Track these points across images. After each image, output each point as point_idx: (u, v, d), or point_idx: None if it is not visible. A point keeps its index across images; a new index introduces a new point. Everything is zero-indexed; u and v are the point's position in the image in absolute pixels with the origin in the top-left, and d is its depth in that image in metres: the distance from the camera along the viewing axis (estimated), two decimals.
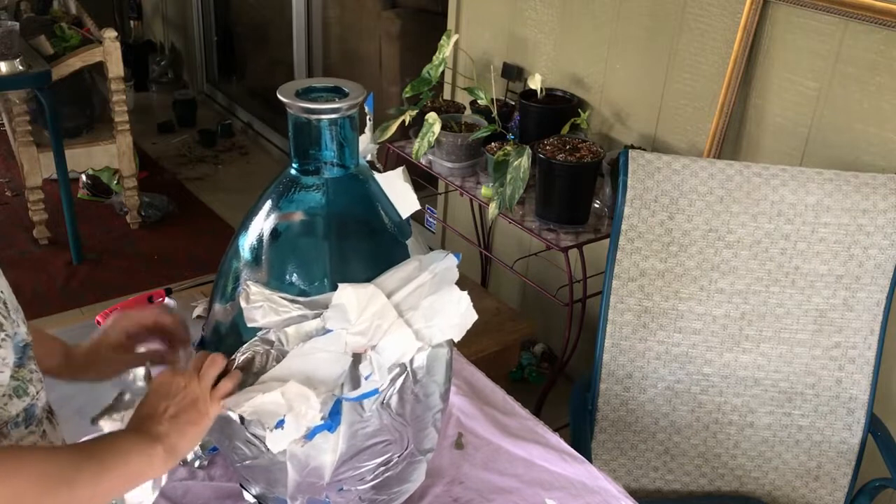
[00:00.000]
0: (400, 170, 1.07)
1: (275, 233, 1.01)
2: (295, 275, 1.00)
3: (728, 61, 1.98)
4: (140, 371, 1.01)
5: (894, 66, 1.72)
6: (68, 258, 3.28)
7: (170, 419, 0.90)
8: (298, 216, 1.02)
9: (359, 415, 0.99)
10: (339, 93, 1.00)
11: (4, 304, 0.85)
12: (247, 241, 1.03)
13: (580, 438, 1.67)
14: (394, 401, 1.01)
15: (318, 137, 0.99)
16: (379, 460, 1.05)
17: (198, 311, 1.72)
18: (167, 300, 1.57)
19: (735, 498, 1.76)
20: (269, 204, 1.03)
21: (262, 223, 1.02)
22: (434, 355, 1.03)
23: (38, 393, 0.90)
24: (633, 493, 1.36)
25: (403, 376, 1.01)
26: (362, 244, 1.06)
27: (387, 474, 1.07)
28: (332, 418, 0.96)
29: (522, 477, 1.32)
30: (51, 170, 3.19)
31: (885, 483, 1.67)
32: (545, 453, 1.37)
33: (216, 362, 0.96)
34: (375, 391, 0.98)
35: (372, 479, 1.06)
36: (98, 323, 1.50)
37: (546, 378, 2.61)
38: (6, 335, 0.83)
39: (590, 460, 1.40)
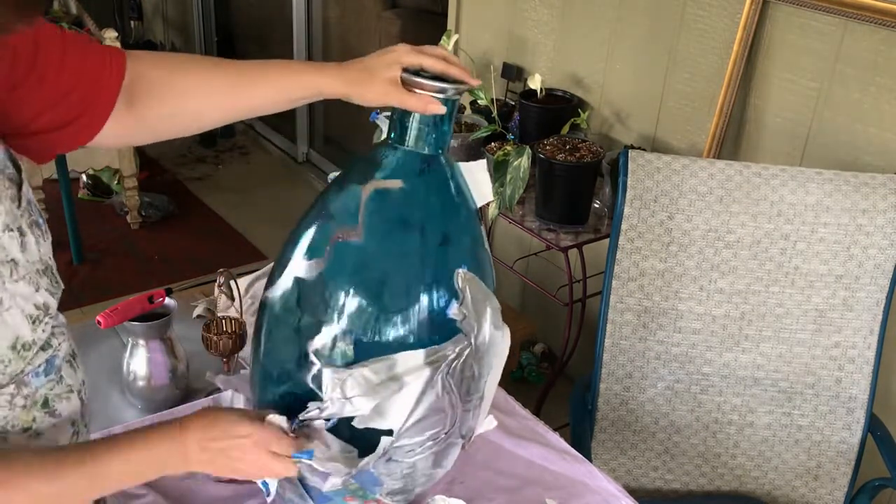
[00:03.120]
0: (482, 161, 1.11)
1: (376, 195, 1.02)
2: (391, 237, 1.02)
3: (728, 61, 1.98)
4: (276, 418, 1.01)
5: (894, 67, 1.72)
6: (68, 258, 3.28)
7: (209, 456, 0.92)
8: (397, 184, 1.04)
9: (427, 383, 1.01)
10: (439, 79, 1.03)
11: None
12: (341, 201, 1.04)
13: (580, 438, 1.68)
14: (456, 372, 1.02)
15: (446, 114, 1.02)
16: (430, 433, 1.05)
17: (198, 311, 1.72)
18: (167, 300, 1.57)
19: (735, 497, 1.77)
20: (364, 168, 1.04)
21: (359, 188, 1.03)
22: (494, 338, 1.05)
23: (59, 344, 0.92)
24: (632, 492, 1.37)
25: (468, 350, 1.02)
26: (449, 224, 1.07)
27: (432, 450, 1.07)
28: None
29: (522, 476, 1.33)
30: (51, 170, 3.18)
31: (884, 483, 1.67)
32: (545, 453, 1.37)
33: (285, 444, 0.97)
34: None
35: (420, 453, 1.07)
36: (98, 323, 1.50)
37: (546, 378, 2.61)
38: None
39: (590, 460, 1.40)
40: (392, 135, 1.05)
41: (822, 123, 1.88)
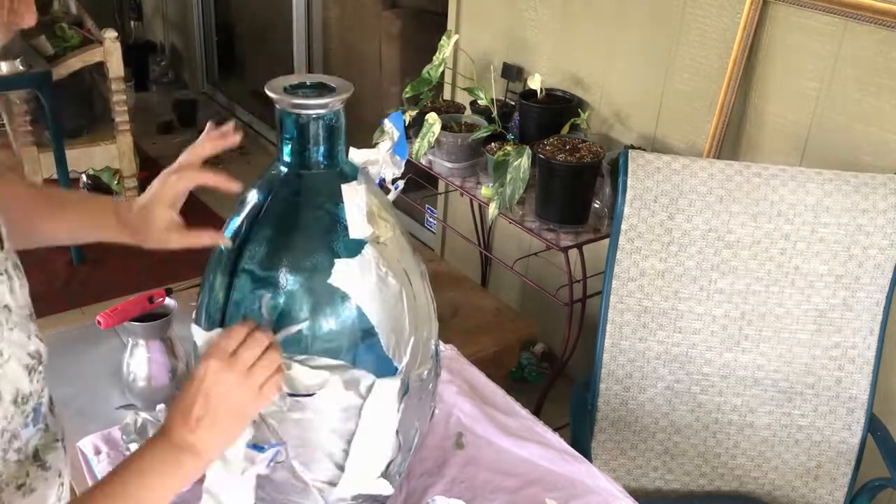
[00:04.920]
0: (356, 184, 1.06)
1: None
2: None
3: (728, 61, 1.98)
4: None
5: (894, 66, 1.72)
6: (68, 258, 3.28)
7: (205, 426, 0.87)
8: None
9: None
10: (325, 88, 1.02)
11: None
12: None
13: (580, 438, 1.68)
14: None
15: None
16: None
17: None
18: (167, 300, 1.57)
19: (735, 498, 1.77)
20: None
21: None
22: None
23: (43, 390, 0.89)
24: (632, 492, 1.37)
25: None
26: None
27: None
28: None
29: (522, 477, 1.33)
30: (51, 170, 3.19)
31: (884, 483, 1.67)
32: (545, 453, 1.37)
33: (258, 342, 0.92)
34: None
35: None
36: (98, 323, 1.50)
37: (546, 378, 2.61)
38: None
39: (590, 460, 1.40)
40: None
41: (823, 123, 1.88)
